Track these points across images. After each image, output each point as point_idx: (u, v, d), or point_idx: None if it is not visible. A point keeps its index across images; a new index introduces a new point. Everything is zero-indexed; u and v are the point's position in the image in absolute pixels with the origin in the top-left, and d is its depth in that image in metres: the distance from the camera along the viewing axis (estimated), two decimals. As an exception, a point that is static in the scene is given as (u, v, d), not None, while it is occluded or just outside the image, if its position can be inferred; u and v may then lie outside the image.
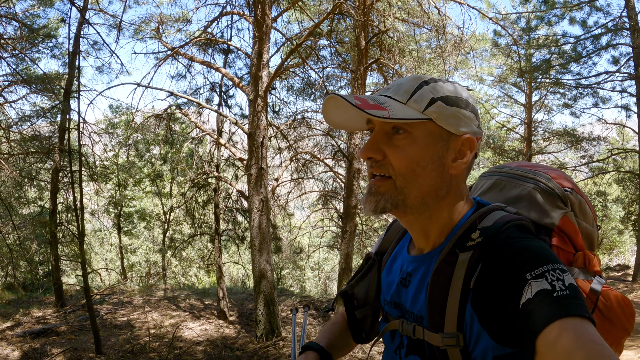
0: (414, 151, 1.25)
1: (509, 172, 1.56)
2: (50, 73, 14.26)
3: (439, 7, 11.05)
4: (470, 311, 1.16)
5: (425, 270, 1.32)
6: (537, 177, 1.49)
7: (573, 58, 18.12)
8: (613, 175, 21.92)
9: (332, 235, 18.79)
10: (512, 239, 1.16)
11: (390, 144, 1.27)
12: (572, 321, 0.97)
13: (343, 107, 1.29)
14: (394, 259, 1.51)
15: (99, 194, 19.14)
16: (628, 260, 25.49)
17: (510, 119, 25.25)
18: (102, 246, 25.51)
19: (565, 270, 1.07)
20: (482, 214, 1.28)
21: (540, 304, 1.01)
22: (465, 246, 1.22)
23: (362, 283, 1.54)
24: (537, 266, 1.07)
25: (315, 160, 15.02)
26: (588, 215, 1.51)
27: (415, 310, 1.32)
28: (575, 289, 1.04)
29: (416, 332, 1.29)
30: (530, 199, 1.46)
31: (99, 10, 13.12)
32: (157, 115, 12.89)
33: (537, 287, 1.03)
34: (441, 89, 1.29)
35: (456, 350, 1.17)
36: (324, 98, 1.28)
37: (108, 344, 9.98)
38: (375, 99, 1.26)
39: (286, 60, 11.10)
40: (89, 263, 19.30)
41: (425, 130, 1.26)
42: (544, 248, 1.13)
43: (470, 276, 1.17)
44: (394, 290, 1.42)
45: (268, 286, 10.43)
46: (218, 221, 13.75)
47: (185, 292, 16.35)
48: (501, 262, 1.13)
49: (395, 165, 1.25)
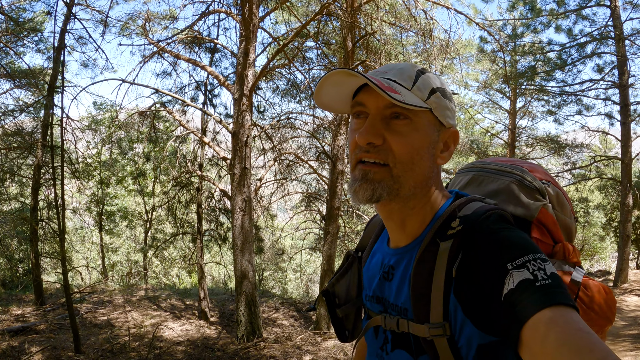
0: (416, 139, 1.24)
1: (486, 167, 1.56)
2: (35, 68, 14.12)
3: (426, 10, 11.07)
4: (454, 300, 1.15)
5: (407, 262, 1.31)
6: (514, 170, 1.49)
7: (558, 65, 18.27)
8: (595, 182, 22.05)
9: (315, 237, 18.80)
10: (493, 229, 1.16)
11: (390, 130, 1.24)
12: (557, 310, 0.97)
13: (341, 85, 1.28)
14: (374, 254, 1.50)
15: (81, 191, 18.95)
16: (609, 266, 25.71)
17: (494, 124, 25.44)
18: (83, 244, 25.28)
19: (546, 260, 1.07)
20: (462, 204, 1.28)
21: (524, 294, 1.00)
22: (445, 235, 1.22)
23: (342, 281, 1.53)
24: (518, 256, 1.07)
25: (299, 162, 15.01)
26: (566, 207, 1.52)
27: (399, 303, 1.31)
28: (557, 277, 1.04)
29: (400, 325, 1.28)
30: (508, 192, 1.46)
31: (86, 5, 13.01)
32: (142, 112, 12.81)
33: (519, 277, 1.03)
34: (436, 81, 1.30)
35: (443, 340, 1.16)
36: (330, 71, 1.24)
37: (87, 343, 9.88)
38: (386, 81, 1.24)
39: (272, 60, 11.09)
40: (69, 261, 19.14)
41: (425, 119, 1.26)
42: (524, 238, 1.13)
43: (452, 265, 1.16)
44: (376, 285, 1.41)
45: (250, 287, 10.39)
46: (200, 221, 13.70)
47: (167, 292, 16.26)
48: (482, 251, 1.13)
49: (396, 152, 1.23)
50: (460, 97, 23.98)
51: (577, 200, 21.47)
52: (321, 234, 16.31)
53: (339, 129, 12.49)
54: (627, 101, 16.56)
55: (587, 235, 25.10)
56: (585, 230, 24.48)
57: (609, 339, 9.99)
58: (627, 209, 16.43)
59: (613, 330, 10.69)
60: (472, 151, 21.49)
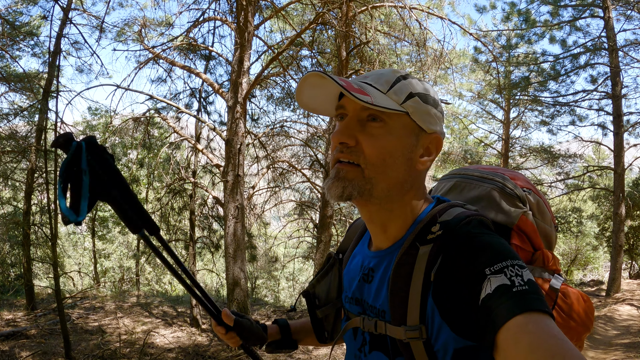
0: (388, 141, 1.25)
1: (468, 174, 1.58)
2: (30, 72, 14.09)
3: (420, 20, 11.11)
4: (432, 304, 1.16)
5: (387, 265, 1.32)
6: (496, 178, 1.51)
7: (552, 76, 18.37)
8: (588, 192, 22.16)
9: (308, 246, 18.77)
10: (472, 234, 1.18)
11: (364, 132, 1.26)
12: (532, 316, 0.98)
13: (321, 88, 1.30)
14: (354, 256, 1.51)
15: (74, 196, 18.86)
16: (602, 276, 25.71)
17: (488, 134, 25.47)
18: (76, 250, 25.17)
19: (524, 266, 1.08)
20: (442, 209, 1.30)
21: (500, 299, 1.01)
22: (425, 239, 1.23)
23: (323, 282, 1.54)
24: (496, 262, 1.08)
25: (292, 170, 15.01)
26: (546, 215, 1.54)
27: (377, 305, 1.32)
28: (534, 284, 1.05)
29: (378, 327, 1.29)
30: (489, 199, 1.47)
31: (83, 10, 13.02)
32: (136, 118, 12.81)
33: (496, 283, 1.04)
34: (417, 86, 1.31)
35: (419, 343, 1.17)
36: (305, 74, 1.27)
37: (78, 348, 9.84)
38: (358, 84, 1.26)
39: (267, 68, 11.10)
40: (61, 266, 19.05)
41: (401, 122, 1.27)
42: (503, 244, 1.15)
43: (431, 269, 1.17)
44: (356, 287, 1.42)
45: (242, 294, 10.37)
46: (193, 228, 13.68)
47: (159, 298, 16.19)
48: (461, 256, 1.14)
49: (367, 153, 1.25)
50: (454, 107, 24.03)
51: (570, 210, 21.54)
52: (314, 243, 16.33)
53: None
54: (620, 112, 16.65)
55: (580, 245, 25.09)
56: (578, 240, 24.49)
57: (601, 348, 10.02)
58: (620, 218, 16.48)
59: (605, 340, 10.71)
60: (466, 161, 21.53)
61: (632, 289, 17.39)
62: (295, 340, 1.83)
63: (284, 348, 1.81)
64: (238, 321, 1.65)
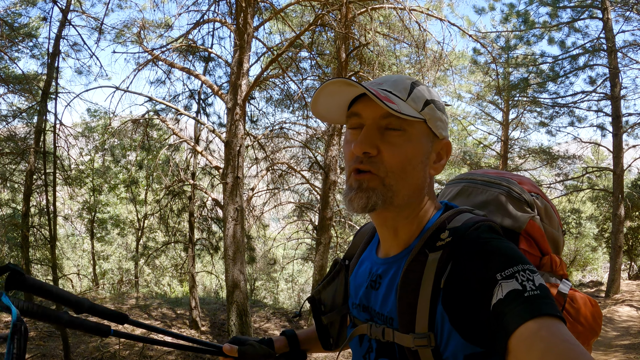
0: (408, 149, 1.25)
1: (476, 179, 1.57)
2: (29, 73, 14.08)
3: (420, 22, 11.10)
4: (441, 311, 1.15)
5: (395, 272, 1.31)
6: (503, 182, 1.50)
7: (550, 77, 18.38)
8: (587, 193, 22.16)
9: (307, 247, 18.76)
10: (482, 239, 1.17)
11: (384, 140, 1.25)
12: (544, 321, 0.97)
13: (338, 95, 1.29)
14: (362, 262, 1.50)
15: (73, 198, 18.86)
16: (601, 277, 25.74)
17: (487, 136, 25.45)
18: (75, 252, 25.14)
19: (535, 271, 1.07)
20: (451, 215, 1.29)
21: (512, 305, 1.01)
22: (434, 246, 1.22)
23: (329, 288, 1.54)
24: (507, 267, 1.07)
25: (291, 172, 15.00)
26: (554, 220, 1.53)
27: (385, 312, 1.31)
28: (546, 289, 1.04)
29: (385, 335, 1.28)
30: (497, 203, 1.46)
31: (82, 12, 12.98)
32: (135, 120, 12.80)
33: (507, 288, 1.03)
34: (429, 93, 1.31)
35: (428, 351, 1.16)
36: (328, 80, 1.25)
37: (77, 351, 9.83)
38: (384, 92, 1.25)
39: (266, 70, 11.10)
40: (60, 268, 19.01)
41: (419, 130, 1.27)
42: (513, 249, 1.14)
43: (441, 276, 1.17)
44: (363, 294, 1.41)
45: (241, 296, 10.36)
46: (192, 230, 13.67)
47: (158, 300, 16.17)
48: (471, 262, 1.13)
49: (387, 162, 1.24)
50: (453, 109, 24.02)
51: (570, 211, 21.55)
52: (313, 244, 16.31)
53: (331, 140, 12.51)
54: (619, 113, 16.66)
55: (579, 246, 25.13)
56: (577, 241, 24.53)
57: (600, 349, 10.02)
58: (619, 219, 16.49)
59: (605, 341, 10.72)
60: (465, 162, 21.51)
61: (632, 290, 17.38)
62: (304, 351, 1.82)
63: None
64: (242, 350, 1.64)
